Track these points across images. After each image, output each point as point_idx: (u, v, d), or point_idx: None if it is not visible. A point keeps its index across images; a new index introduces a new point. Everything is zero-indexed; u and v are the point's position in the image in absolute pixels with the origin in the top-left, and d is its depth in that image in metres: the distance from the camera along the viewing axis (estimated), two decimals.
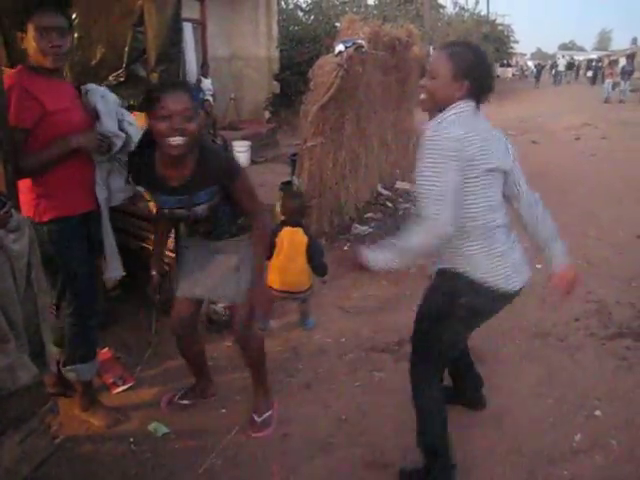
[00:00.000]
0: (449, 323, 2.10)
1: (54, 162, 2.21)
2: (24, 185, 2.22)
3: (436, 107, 2.02)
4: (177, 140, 1.98)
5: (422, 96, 2.06)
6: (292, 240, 3.46)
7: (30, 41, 2.16)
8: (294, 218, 3.54)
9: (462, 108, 1.97)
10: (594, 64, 33.37)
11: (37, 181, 2.25)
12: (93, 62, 3.26)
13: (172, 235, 3.38)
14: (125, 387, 2.90)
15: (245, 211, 2.32)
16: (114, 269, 2.69)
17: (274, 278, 3.46)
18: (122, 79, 3.27)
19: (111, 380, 2.92)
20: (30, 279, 2.02)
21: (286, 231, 3.46)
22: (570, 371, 3.10)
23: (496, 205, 2.01)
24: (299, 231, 3.49)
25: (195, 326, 2.66)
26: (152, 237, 3.40)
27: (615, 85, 21.85)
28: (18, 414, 2.08)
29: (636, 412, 2.71)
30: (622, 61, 29.88)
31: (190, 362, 2.74)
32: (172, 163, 2.11)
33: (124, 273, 2.74)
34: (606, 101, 20.81)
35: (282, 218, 3.60)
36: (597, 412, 2.71)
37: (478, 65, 1.99)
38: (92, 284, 2.49)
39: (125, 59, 3.25)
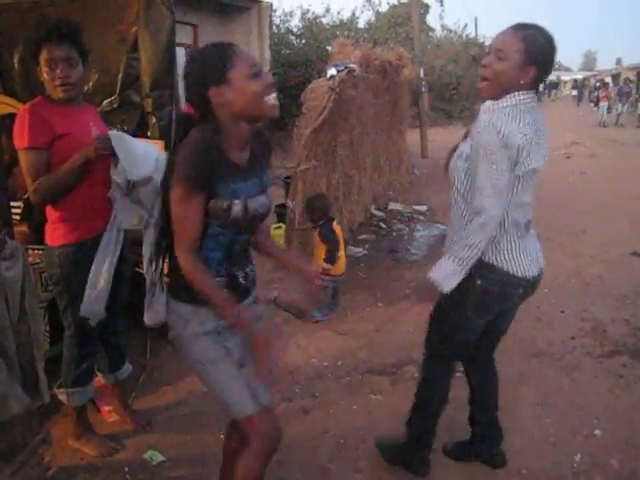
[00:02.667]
0: (464, 307, 2.11)
1: (70, 179, 2.23)
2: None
3: (498, 93, 1.94)
4: (274, 98, 1.67)
5: (483, 79, 1.95)
6: (340, 231, 4.30)
7: (42, 74, 2.24)
8: (329, 214, 4.24)
9: (521, 100, 1.92)
10: (597, 85, 30.67)
11: (53, 207, 2.32)
12: (87, 88, 3.28)
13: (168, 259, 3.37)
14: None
15: None
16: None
17: (339, 267, 4.22)
18: (116, 105, 3.29)
19: (105, 407, 2.87)
20: (24, 307, 2.01)
21: (336, 226, 4.24)
22: (568, 390, 3.08)
23: (528, 202, 2.06)
24: (335, 223, 4.29)
25: None
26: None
27: (610, 108, 20.54)
28: (10, 445, 2.05)
29: (635, 431, 2.69)
30: (608, 80, 30.30)
31: None
32: (240, 142, 1.71)
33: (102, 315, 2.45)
34: (602, 125, 19.39)
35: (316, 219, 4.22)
36: (596, 431, 2.70)
37: (548, 51, 1.92)
38: None
39: (119, 85, 3.27)
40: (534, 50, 1.88)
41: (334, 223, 4.22)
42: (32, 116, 2.19)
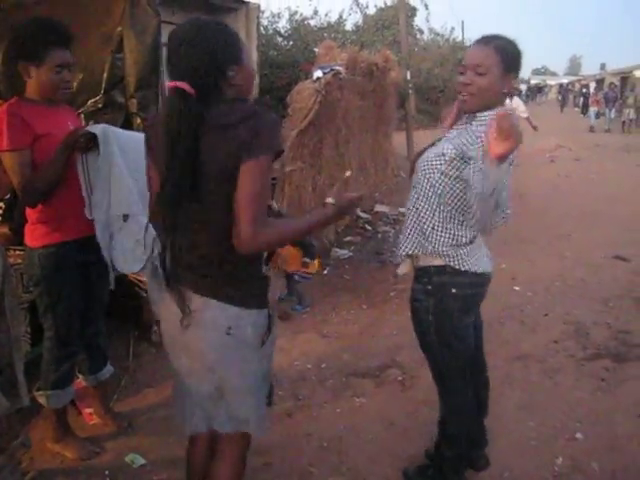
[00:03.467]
0: (449, 318, 2.10)
1: (54, 174, 2.20)
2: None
3: (483, 106, 1.96)
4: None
5: (465, 95, 1.95)
6: None
7: (41, 75, 2.20)
8: None
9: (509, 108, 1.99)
10: (584, 91, 28.98)
11: (33, 208, 2.28)
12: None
13: None
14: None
15: None
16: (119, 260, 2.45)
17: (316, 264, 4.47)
18: (100, 105, 3.26)
19: (87, 410, 2.84)
20: (3, 308, 1.97)
21: None
22: (550, 394, 3.10)
23: None
24: None
25: None
26: None
27: (600, 113, 20.41)
28: None
29: (616, 434, 2.71)
30: (592, 86, 30.58)
31: None
32: None
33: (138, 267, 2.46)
34: (591, 130, 19.27)
35: None
36: (578, 435, 2.71)
37: (519, 56, 1.98)
38: (74, 312, 2.43)
39: (104, 85, 3.24)
40: (508, 59, 1.93)
41: None
42: (10, 117, 2.14)
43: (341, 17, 20.21)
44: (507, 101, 2.06)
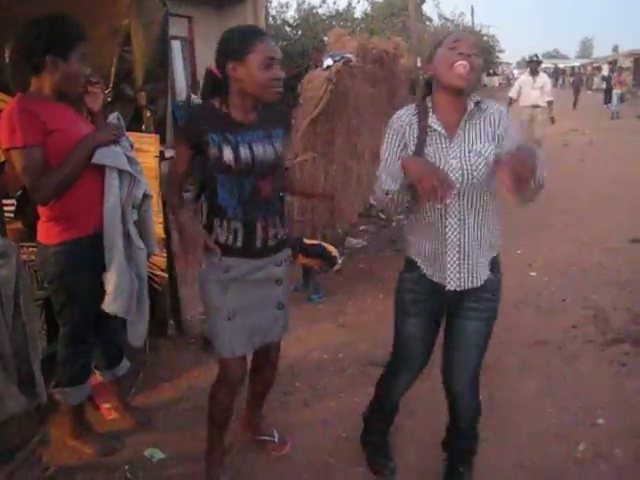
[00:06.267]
0: None
1: (78, 171, 2.21)
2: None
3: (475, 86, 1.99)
4: (277, 87, 1.98)
5: (467, 69, 1.85)
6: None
7: (70, 68, 2.22)
8: (297, 245, 4.30)
9: None
10: (605, 74, 26.68)
11: (44, 206, 2.25)
12: None
13: (165, 253, 3.34)
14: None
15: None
16: (134, 333, 2.55)
17: None
18: (109, 99, 3.23)
19: (104, 405, 2.85)
20: (18, 305, 1.97)
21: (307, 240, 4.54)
22: (570, 380, 3.06)
23: None
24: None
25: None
26: None
27: (624, 96, 18.78)
28: (7, 446, 2.03)
29: (639, 419, 2.67)
30: (604, 68, 30.07)
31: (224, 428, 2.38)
32: (243, 108, 2.02)
33: (142, 342, 2.63)
34: (613, 116, 17.69)
35: None
36: (600, 420, 2.68)
37: None
38: (90, 309, 2.42)
39: (112, 79, 3.22)
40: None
41: (303, 240, 4.39)
42: (22, 113, 2.09)
43: (350, 5, 20.07)
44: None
